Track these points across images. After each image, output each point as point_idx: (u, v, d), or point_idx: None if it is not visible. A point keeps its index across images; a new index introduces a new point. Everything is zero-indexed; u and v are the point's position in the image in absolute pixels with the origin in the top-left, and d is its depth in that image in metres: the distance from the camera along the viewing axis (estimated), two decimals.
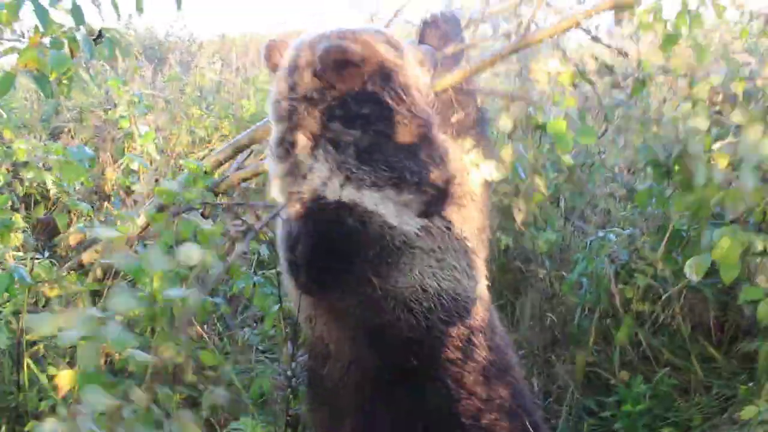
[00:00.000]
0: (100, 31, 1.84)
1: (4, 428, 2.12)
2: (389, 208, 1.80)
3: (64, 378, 2.04)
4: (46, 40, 1.73)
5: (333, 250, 1.81)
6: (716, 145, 2.11)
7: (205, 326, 2.77)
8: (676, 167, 2.17)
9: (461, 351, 1.80)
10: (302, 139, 1.83)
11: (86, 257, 2.91)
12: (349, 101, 1.81)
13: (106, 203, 3.79)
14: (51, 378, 2.19)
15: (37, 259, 2.65)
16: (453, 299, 1.83)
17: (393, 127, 1.83)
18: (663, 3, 2.29)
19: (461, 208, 1.93)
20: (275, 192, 1.96)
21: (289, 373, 1.66)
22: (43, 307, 2.62)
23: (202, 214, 3.04)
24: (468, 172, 2.02)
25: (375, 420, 1.76)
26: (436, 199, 1.87)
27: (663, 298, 2.55)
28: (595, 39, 2.38)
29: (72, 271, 2.81)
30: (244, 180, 2.90)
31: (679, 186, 2.16)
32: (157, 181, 4.03)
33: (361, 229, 1.78)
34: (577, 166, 4.06)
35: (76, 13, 1.76)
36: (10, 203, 2.93)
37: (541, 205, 3.08)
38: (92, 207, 3.73)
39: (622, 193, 3.65)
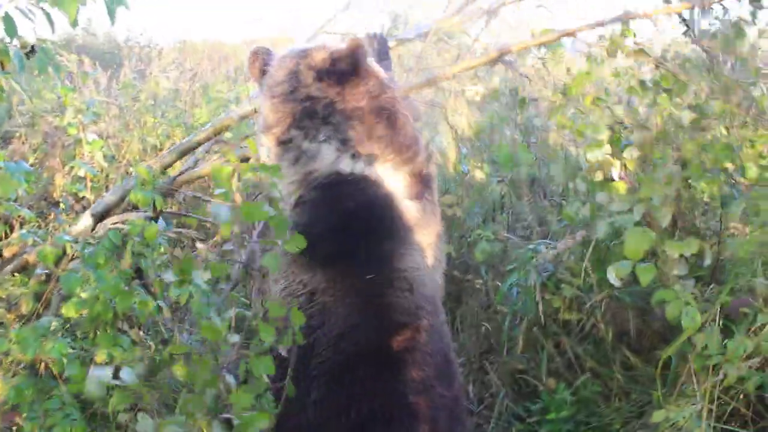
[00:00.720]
0: (32, 46, 1.87)
1: None
2: (396, 184, 2.01)
3: None
4: None
5: (356, 220, 1.94)
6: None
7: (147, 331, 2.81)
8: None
9: (432, 342, 1.86)
10: (299, 132, 2.02)
11: (32, 258, 2.93)
12: (347, 96, 2.03)
13: (53, 211, 3.79)
14: None
15: None
16: (433, 286, 1.99)
17: (390, 116, 2.05)
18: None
19: (433, 194, 2.13)
20: (281, 185, 2.02)
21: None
22: None
23: (151, 217, 3.10)
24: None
25: (350, 388, 1.79)
26: (423, 179, 2.08)
27: (588, 307, 2.66)
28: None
29: (16, 273, 2.82)
30: (199, 178, 3.01)
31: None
32: (107, 188, 4.04)
33: (379, 199, 1.96)
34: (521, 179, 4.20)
35: (8, 24, 1.79)
36: None
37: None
38: (41, 213, 3.73)
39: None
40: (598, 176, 2.27)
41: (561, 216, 2.68)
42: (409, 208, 2.01)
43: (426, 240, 2.02)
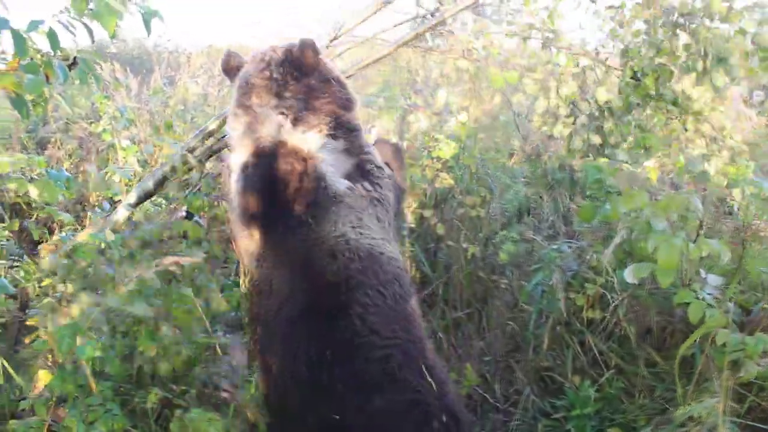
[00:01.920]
0: (74, 58, 1.97)
1: None
2: (328, 156, 2.32)
3: (42, 376, 2.14)
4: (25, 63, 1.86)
5: (282, 189, 2.23)
6: None
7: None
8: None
9: (370, 298, 2.10)
10: (257, 100, 2.37)
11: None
12: (299, 77, 2.40)
13: (90, 213, 3.90)
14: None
15: (17, 265, 2.77)
16: (369, 254, 2.18)
17: (330, 93, 2.42)
18: None
19: (376, 179, 2.41)
20: (236, 147, 2.42)
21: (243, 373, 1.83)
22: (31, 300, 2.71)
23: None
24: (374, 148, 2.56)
25: (297, 346, 2.06)
26: (362, 163, 2.40)
27: (611, 305, 2.69)
28: None
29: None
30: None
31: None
32: None
33: (305, 173, 2.24)
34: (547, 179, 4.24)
35: (52, 38, 1.89)
36: None
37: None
38: (77, 216, 3.84)
39: None
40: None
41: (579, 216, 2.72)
42: (339, 185, 2.29)
43: (356, 215, 2.26)
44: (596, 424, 2.56)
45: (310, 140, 2.33)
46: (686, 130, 2.84)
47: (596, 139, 3.14)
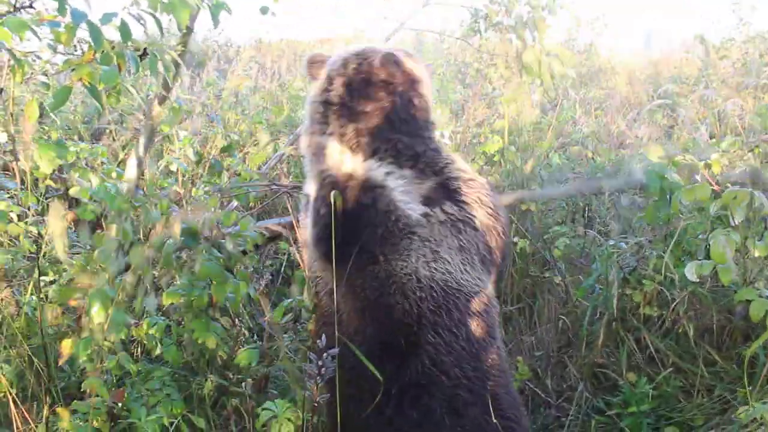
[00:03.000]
0: (145, 49, 2.02)
1: (46, 408, 2.27)
2: (395, 182, 2.17)
3: (66, 345, 2.13)
4: (98, 56, 1.92)
5: (352, 224, 2.14)
6: None
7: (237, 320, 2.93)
8: None
9: (442, 338, 2.05)
10: (318, 127, 2.29)
11: None
12: (364, 99, 2.25)
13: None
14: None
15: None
16: (443, 291, 2.09)
17: (403, 121, 2.27)
18: None
19: (462, 204, 2.21)
20: (307, 174, 2.36)
21: (319, 363, 1.85)
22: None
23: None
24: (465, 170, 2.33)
25: (365, 381, 2.02)
26: (436, 187, 2.21)
27: (670, 303, 2.66)
28: None
29: None
30: None
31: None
32: (193, 183, 4.22)
33: (372, 206, 2.13)
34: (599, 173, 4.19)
35: (124, 30, 1.94)
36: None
37: None
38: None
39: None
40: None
41: (643, 215, 2.67)
42: (412, 213, 2.14)
43: (431, 248, 2.12)
44: (652, 422, 2.53)
45: (374, 168, 2.20)
46: None
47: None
